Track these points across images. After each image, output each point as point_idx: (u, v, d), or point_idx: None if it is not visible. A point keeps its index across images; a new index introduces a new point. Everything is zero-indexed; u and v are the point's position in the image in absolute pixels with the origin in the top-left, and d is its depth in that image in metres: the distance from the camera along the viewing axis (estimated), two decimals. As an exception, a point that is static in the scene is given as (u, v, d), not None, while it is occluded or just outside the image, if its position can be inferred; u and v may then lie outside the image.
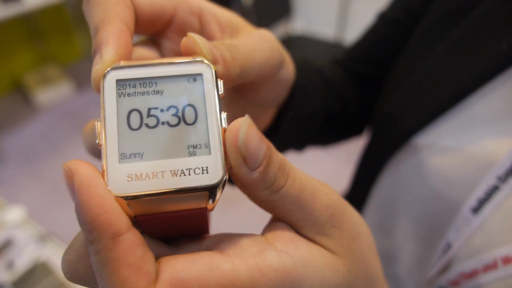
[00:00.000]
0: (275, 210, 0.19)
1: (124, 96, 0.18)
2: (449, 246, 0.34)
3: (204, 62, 0.19)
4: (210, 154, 0.17)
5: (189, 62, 0.19)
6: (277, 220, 0.20)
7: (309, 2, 2.66)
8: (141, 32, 0.25)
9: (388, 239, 0.43)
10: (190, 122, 0.17)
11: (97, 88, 0.18)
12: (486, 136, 0.32)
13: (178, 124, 0.17)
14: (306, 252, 0.18)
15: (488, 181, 0.31)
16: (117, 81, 0.18)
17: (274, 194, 0.18)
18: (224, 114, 0.18)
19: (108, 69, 0.18)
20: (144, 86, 0.18)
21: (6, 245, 0.86)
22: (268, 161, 0.17)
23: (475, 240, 0.32)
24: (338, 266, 0.19)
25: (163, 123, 0.17)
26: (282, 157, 0.18)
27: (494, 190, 0.30)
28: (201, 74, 0.18)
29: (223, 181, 0.17)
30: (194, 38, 0.20)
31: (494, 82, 0.32)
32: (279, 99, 0.34)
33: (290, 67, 0.32)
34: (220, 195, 0.17)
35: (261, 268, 0.17)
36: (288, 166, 0.18)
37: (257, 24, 2.08)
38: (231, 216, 1.74)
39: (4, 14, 1.87)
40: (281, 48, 0.29)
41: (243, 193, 0.19)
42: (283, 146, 0.41)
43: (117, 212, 0.15)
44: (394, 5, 0.48)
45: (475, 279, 0.31)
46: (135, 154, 0.17)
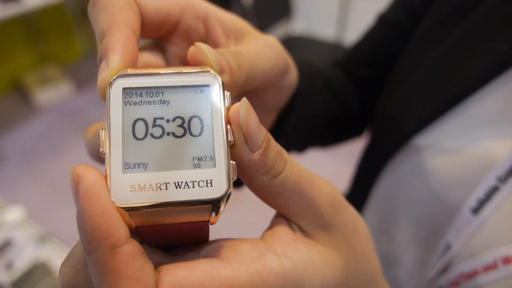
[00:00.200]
0: (275, 199, 0.19)
1: (130, 105, 0.17)
2: (449, 247, 0.34)
3: (212, 73, 0.18)
4: (215, 167, 0.17)
5: (197, 73, 0.18)
6: (276, 224, 0.20)
7: (309, 3, 2.66)
8: (146, 37, 0.25)
9: (389, 241, 0.43)
10: (196, 134, 0.17)
11: (103, 96, 0.18)
12: (486, 137, 0.32)
13: (184, 135, 0.17)
14: (305, 254, 0.18)
15: (488, 182, 0.31)
16: (124, 90, 0.17)
17: (274, 180, 0.18)
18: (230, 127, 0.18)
19: (115, 77, 0.18)
20: (151, 96, 0.18)
21: (6, 246, 0.86)
22: (267, 144, 0.18)
23: (475, 241, 0.32)
24: (336, 262, 0.19)
25: (168, 134, 0.17)
26: (280, 146, 0.19)
27: (494, 191, 0.31)
28: (209, 86, 0.18)
29: (227, 195, 0.17)
30: (202, 48, 0.20)
31: (494, 83, 0.32)
32: (282, 104, 0.34)
33: (294, 72, 0.32)
34: (224, 209, 0.17)
35: (262, 273, 0.17)
36: (286, 154, 0.19)
37: (257, 25, 2.08)
38: (231, 217, 1.74)
39: (4, 14, 1.87)
40: (286, 54, 0.29)
41: (245, 182, 0.19)
42: (284, 148, 0.41)
43: (117, 223, 0.15)
44: (394, 6, 0.48)
45: (475, 279, 0.31)
46: (139, 165, 0.16)
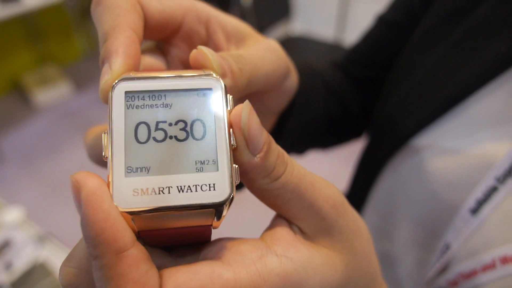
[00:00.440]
0: (276, 201, 0.19)
1: (133, 108, 0.17)
2: (448, 247, 0.34)
3: (214, 77, 0.18)
4: (218, 171, 0.17)
5: (199, 76, 0.18)
6: (276, 224, 0.20)
7: (309, 3, 2.66)
8: (148, 38, 0.25)
9: (388, 241, 0.43)
10: (199, 137, 0.17)
11: (105, 99, 0.18)
12: (485, 138, 0.32)
13: (186, 139, 0.17)
14: (306, 255, 0.18)
15: (487, 182, 0.31)
16: (126, 93, 0.17)
17: (274, 183, 0.18)
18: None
19: (117, 80, 0.18)
20: (153, 99, 0.17)
21: (5, 246, 0.86)
22: (268, 147, 0.17)
23: (474, 241, 0.32)
24: (336, 263, 0.19)
25: (171, 137, 0.17)
26: (281, 148, 0.19)
27: (493, 191, 0.31)
28: (211, 89, 0.18)
29: (230, 199, 0.16)
30: (205, 52, 0.20)
31: (493, 84, 0.32)
32: (282, 107, 0.34)
33: (295, 76, 0.32)
34: (227, 213, 0.17)
35: (263, 274, 0.17)
36: (287, 156, 0.19)
37: (256, 25, 2.08)
38: (231, 217, 1.74)
39: (3, 14, 1.87)
40: (287, 58, 0.29)
41: (245, 185, 0.19)
42: (284, 150, 0.41)
43: (123, 227, 0.15)
44: (394, 7, 0.48)
45: (474, 279, 0.31)
46: (142, 168, 0.16)
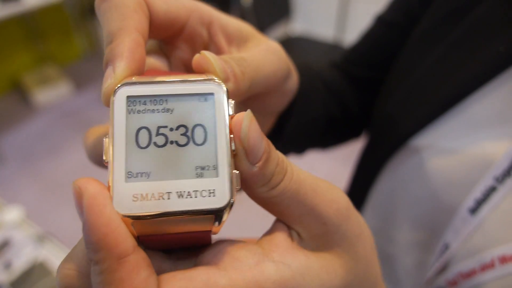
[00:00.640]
0: (275, 208, 0.19)
1: (134, 113, 0.17)
2: (447, 247, 0.34)
3: (216, 81, 0.18)
4: (218, 177, 0.17)
5: (201, 81, 0.18)
6: (275, 229, 0.20)
7: (309, 3, 2.66)
8: (151, 38, 0.25)
9: (387, 242, 0.43)
10: (199, 143, 0.17)
11: (107, 103, 0.18)
12: (484, 138, 0.32)
13: (187, 144, 0.17)
14: (303, 261, 0.18)
15: (486, 182, 0.31)
16: (128, 98, 0.17)
17: (272, 191, 0.18)
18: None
19: (119, 85, 0.17)
20: (155, 104, 0.17)
21: (4, 246, 0.86)
22: (267, 157, 0.17)
23: (473, 241, 0.32)
24: (336, 269, 0.19)
25: (172, 142, 0.17)
26: (281, 155, 0.18)
27: (491, 191, 0.31)
28: (213, 94, 0.18)
29: (230, 205, 0.16)
30: (208, 57, 0.20)
31: (492, 84, 0.32)
32: (282, 107, 0.34)
33: (295, 77, 0.32)
34: (227, 218, 0.17)
35: (259, 281, 0.17)
36: (286, 163, 0.18)
37: (256, 25, 2.08)
38: (231, 217, 1.74)
39: (3, 14, 1.87)
40: (288, 59, 0.29)
41: (244, 191, 0.19)
42: (284, 151, 0.41)
43: (124, 233, 0.15)
44: (392, 7, 0.48)
45: (473, 279, 0.31)
46: (142, 174, 0.16)
